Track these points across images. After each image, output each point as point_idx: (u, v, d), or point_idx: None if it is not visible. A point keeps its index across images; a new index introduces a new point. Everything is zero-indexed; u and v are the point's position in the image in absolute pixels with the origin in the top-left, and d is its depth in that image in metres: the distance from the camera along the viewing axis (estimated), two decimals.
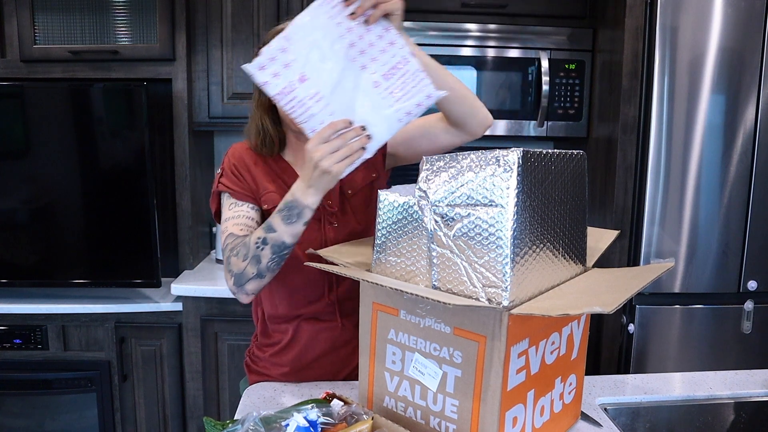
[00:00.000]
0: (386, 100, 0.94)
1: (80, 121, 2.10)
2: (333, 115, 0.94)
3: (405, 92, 0.93)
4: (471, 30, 2.24)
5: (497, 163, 0.80)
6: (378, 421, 0.91)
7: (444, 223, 0.85)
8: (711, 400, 1.20)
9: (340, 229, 1.22)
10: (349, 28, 0.90)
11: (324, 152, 0.93)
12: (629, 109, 2.03)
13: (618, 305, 0.73)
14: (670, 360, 2.09)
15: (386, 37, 0.93)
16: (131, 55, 2.14)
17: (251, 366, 1.33)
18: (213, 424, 0.92)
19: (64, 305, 2.08)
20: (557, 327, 0.93)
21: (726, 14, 1.93)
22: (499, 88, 2.27)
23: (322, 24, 0.90)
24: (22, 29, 2.11)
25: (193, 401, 2.19)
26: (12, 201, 2.12)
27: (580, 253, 0.99)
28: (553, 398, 0.96)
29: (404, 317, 0.93)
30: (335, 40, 0.91)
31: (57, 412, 2.17)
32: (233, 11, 2.23)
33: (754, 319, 2.06)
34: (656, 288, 2.04)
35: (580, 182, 0.94)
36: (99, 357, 2.13)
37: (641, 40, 2.00)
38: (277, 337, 1.28)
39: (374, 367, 0.99)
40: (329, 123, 0.92)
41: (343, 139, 0.92)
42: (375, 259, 0.97)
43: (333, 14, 0.90)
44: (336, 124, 0.93)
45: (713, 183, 2.00)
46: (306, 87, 0.91)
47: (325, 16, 0.90)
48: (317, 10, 0.90)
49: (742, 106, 1.98)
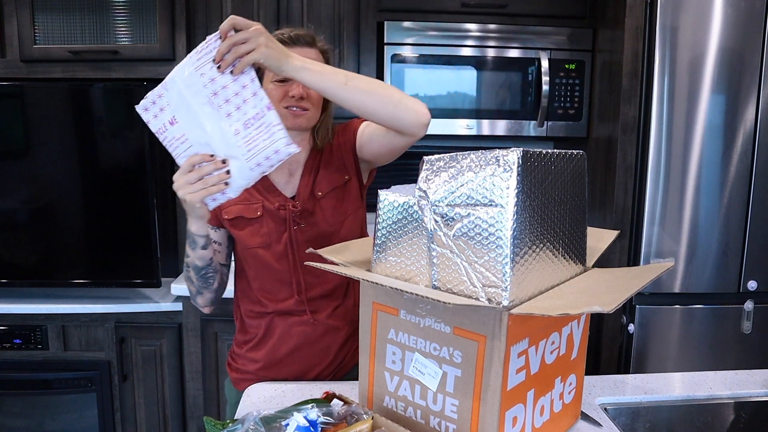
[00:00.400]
0: (241, 149, 1.01)
1: (80, 121, 2.10)
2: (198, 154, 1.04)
3: (257, 144, 1.01)
4: (471, 30, 2.24)
5: (497, 163, 0.80)
6: (378, 421, 0.91)
7: (444, 223, 0.85)
8: (711, 400, 1.20)
9: (308, 229, 1.25)
10: (212, 78, 0.98)
11: (180, 183, 1.02)
12: (629, 109, 2.03)
13: (618, 305, 0.73)
14: (670, 360, 2.09)
15: (250, 88, 1.00)
16: (131, 55, 2.14)
17: (231, 364, 1.36)
18: (213, 424, 0.92)
19: (64, 305, 2.08)
20: (557, 327, 0.93)
21: (726, 14, 1.93)
22: (499, 88, 2.27)
23: (190, 74, 0.99)
24: (22, 29, 2.11)
25: (193, 401, 2.19)
26: (12, 201, 2.12)
27: (580, 253, 0.99)
28: (553, 398, 0.96)
29: (404, 317, 0.93)
30: (200, 90, 0.99)
31: (57, 412, 2.17)
32: (233, 11, 2.22)
33: (754, 319, 2.06)
34: (656, 288, 2.04)
35: (580, 182, 0.94)
36: (99, 357, 2.13)
37: (641, 40, 2.00)
38: (252, 332, 1.31)
39: (374, 366, 0.99)
40: (189, 156, 1.02)
41: (199, 172, 1.01)
42: (375, 258, 0.97)
43: (199, 65, 0.99)
44: (193, 158, 1.01)
45: (713, 183, 2.00)
46: (175, 129, 1.02)
47: (192, 68, 0.99)
48: (188, 62, 0.99)
49: (742, 106, 1.98)
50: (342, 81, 1.05)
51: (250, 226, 1.24)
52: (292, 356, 1.28)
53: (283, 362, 1.28)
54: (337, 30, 2.27)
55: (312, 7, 2.24)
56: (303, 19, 2.24)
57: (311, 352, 1.27)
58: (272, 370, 1.29)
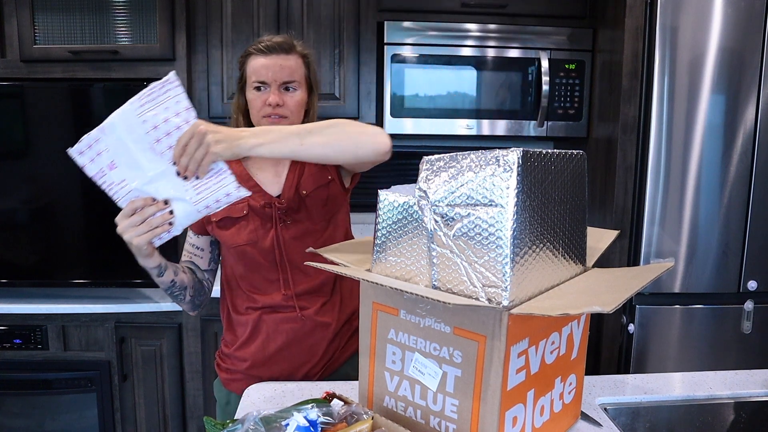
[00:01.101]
0: (189, 193, 1.03)
1: (80, 121, 2.11)
2: (140, 197, 1.05)
3: (207, 187, 1.03)
4: (471, 30, 2.24)
5: (497, 163, 0.80)
6: (378, 421, 0.91)
7: (444, 223, 0.86)
8: (711, 400, 1.20)
9: (293, 226, 1.27)
10: (155, 125, 0.99)
11: (124, 226, 1.04)
12: (629, 109, 2.03)
13: (618, 305, 0.73)
14: (670, 360, 2.09)
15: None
16: (131, 55, 2.14)
17: (220, 364, 1.38)
18: (213, 424, 0.92)
19: (64, 305, 2.08)
20: (557, 327, 0.93)
21: (726, 14, 1.93)
22: (499, 88, 2.28)
23: (132, 121, 1.00)
24: (22, 29, 2.11)
25: (193, 401, 2.19)
26: (12, 201, 2.12)
27: (580, 253, 0.99)
28: (553, 398, 0.96)
29: (404, 317, 0.93)
30: (142, 137, 1.00)
31: (57, 412, 2.17)
32: (233, 11, 2.23)
33: (754, 319, 2.06)
34: (656, 288, 2.04)
35: (580, 182, 0.94)
36: (99, 357, 2.13)
37: (641, 40, 2.00)
38: (240, 330, 1.33)
39: (374, 366, 0.99)
40: (131, 200, 1.04)
41: (142, 214, 1.03)
42: (375, 258, 0.97)
43: (142, 112, 1.00)
44: (135, 202, 1.04)
45: (713, 183, 2.00)
46: (115, 174, 1.03)
47: (134, 114, 1.00)
48: (129, 108, 1.00)
49: (742, 106, 1.98)
50: (297, 143, 1.06)
51: (237, 225, 1.26)
52: (281, 354, 1.29)
53: (273, 359, 1.29)
54: (337, 30, 2.27)
55: (312, 7, 2.24)
56: (303, 19, 2.24)
57: (300, 349, 1.29)
58: (262, 369, 1.29)
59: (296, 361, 1.29)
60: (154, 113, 0.99)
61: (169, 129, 1.00)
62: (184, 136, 0.98)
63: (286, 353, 1.28)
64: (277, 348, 1.28)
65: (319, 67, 2.27)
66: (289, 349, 1.28)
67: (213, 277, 1.36)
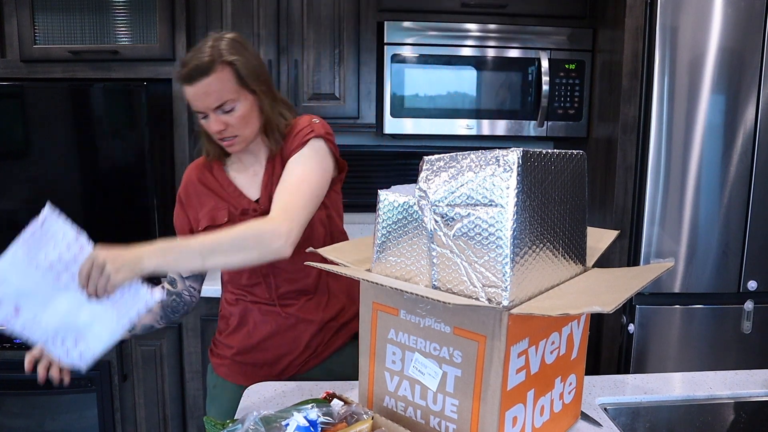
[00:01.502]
0: (108, 312, 1.03)
1: (80, 121, 2.10)
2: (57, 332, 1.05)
3: (125, 303, 1.04)
4: (471, 30, 2.24)
5: (497, 163, 0.80)
6: (378, 421, 0.91)
7: (444, 223, 0.85)
8: (711, 400, 1.20)
9: None
10: (51, 263, 0.99)
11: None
12: (629, 109, 2.03)
13: (618, 305, 0.73)
14: (670, 360, 2.09)
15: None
16: (131, 55, 2.14)
17: (213, 350, 1.42)
18: (213, 424, 0.92)
19: None
20: (557, 327, 0.93)
21: (726, 14, 1.93)
22: (499, 88, 2.27)
23: (22, 270, 0.99)
24: (22, 29, 2.11)
25: (193, 401, 2.19)
26: (12, 201, 2.12)
27: (580, 253, 0.99)
28: (553, 398, 0.96)
29: (404, 317, 0.93)
30: (41, 279, 0.99)
31: (57, 412, 2.16)
32: (233, 11, 2.23)
33: (754, 319, 2.06)
34: (656, 288, 2.04)
35: (580, 182, 0.94)
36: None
37: (641, 40, 2.00)
38: (231, 318, 1.37)
39: (374, 366, 0.99)
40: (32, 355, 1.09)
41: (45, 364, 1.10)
42: (375, 258, 0.97)
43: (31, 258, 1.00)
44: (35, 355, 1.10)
45: (713, 183, 2.00)
46: (23, 316, 1.02)
47: (24, 264, 0.99)
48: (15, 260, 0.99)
49: (742, 106, 1.98)
50: (199, 262, 1.06)
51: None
52: (264, 343, 1.33)
53: (256, 348, 1.33)
54: (337, 30, 2.27)
55: (312, 7, 2.24)
56: (303, 19, 2.24)
57: (282, 340, 1.32)
58: (246, 356, 1.34)
59: (279, 351, 1.33)
60: (43, 255, 0.99)
61: (65, 263, 1.00)
62: (84, 266, 0.98)
63: (269, 343, 1.32)
64: (262, 338, 1.32)
65: (319, 67, 2.28)
66: (272, 339, 1.32)
67: (198, 284, 1.37)
